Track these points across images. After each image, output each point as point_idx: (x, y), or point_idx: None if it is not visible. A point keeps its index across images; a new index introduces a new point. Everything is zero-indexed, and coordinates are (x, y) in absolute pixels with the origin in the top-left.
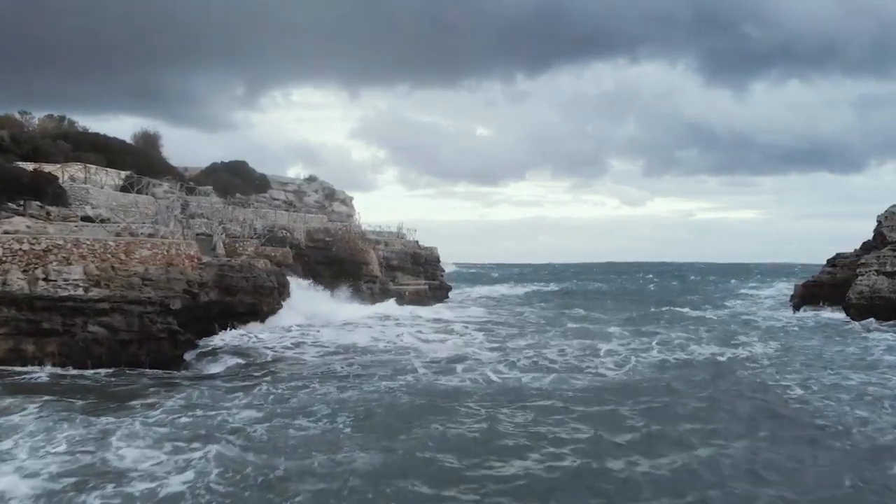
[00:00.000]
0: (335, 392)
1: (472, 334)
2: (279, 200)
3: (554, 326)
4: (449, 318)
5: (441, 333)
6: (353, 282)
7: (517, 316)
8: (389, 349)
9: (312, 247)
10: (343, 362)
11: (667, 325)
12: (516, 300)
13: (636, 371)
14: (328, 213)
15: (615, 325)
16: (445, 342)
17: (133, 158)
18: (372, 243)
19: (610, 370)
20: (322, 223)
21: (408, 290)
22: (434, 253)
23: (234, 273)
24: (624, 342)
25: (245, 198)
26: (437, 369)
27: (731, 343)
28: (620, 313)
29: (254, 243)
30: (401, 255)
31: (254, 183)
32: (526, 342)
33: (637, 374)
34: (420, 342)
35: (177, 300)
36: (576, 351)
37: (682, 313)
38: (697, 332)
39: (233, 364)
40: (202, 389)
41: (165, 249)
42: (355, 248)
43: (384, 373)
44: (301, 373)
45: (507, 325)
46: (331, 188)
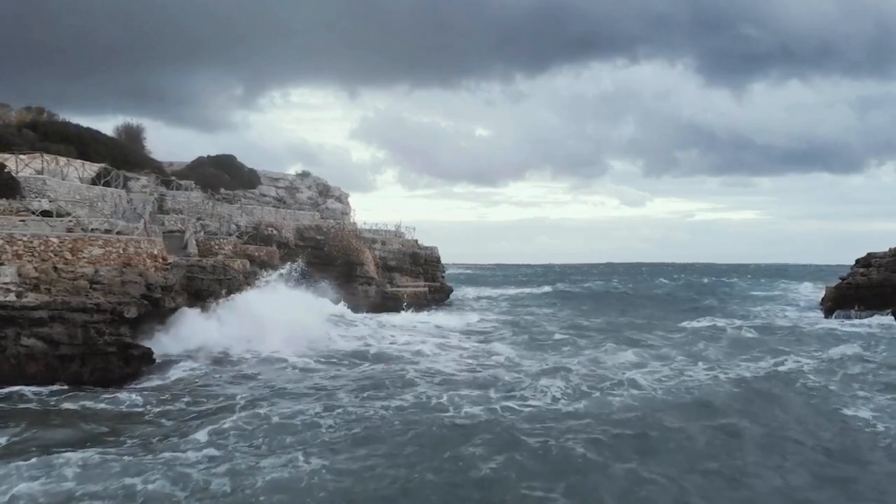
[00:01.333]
0: (315, 420)
1: (479, 345)
2: (269, 197)
3: (575, 338)
4: (452, 326)
5: (444, 347)
6: (347, 283)
7: (532, 325)
8: (383, 358)
9: (303, 246)
10: (326, 376)
11: (698, 334)
12: (525, 304)
13: (683, 392)
14: (321, 211)
15: (639, 332)
16: (448, 354)
17: (108, 150)
18: (368, 242)
19: (652, 391)
20: (314, 220)
21: (406, 292)
22: (434, 253)
23: (205, 275)
24: (654, 353)
25: (232, 193)
26: (443, 389)
27: (779, 357)
28: (642, 320)
29: (232, 241)
30: (399, 254)
31: (243, 178)
32: (546, 357)
33: (685, 396)
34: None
35: (132, 307)
36: (607, 367)
37: (713, 321)
38: (738, 343)
39: (194, 376)
40: (149, 416)
41: (122, 247)
42: (349, 247)
43: (378, 393)
44: (276, 389)
45: (520, 334)
46: (325, 184)
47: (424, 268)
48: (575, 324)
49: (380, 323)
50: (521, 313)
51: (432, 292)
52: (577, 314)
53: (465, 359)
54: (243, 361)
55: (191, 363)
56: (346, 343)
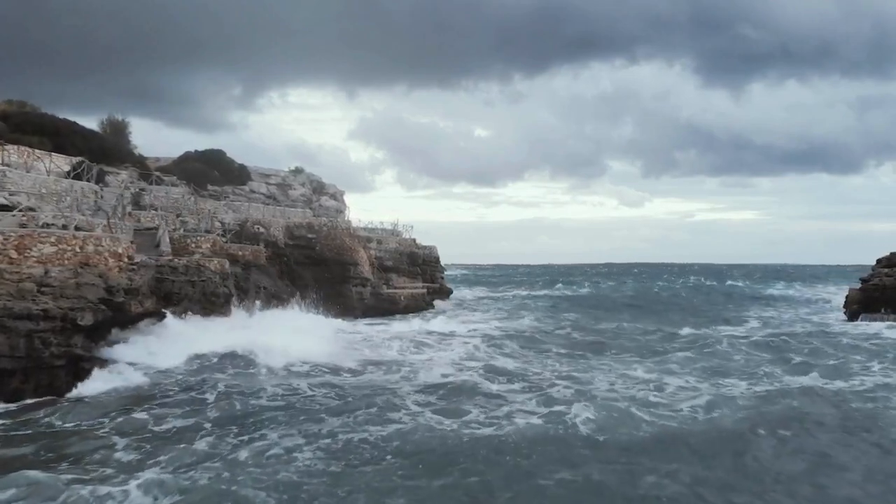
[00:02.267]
0: (291, 448)
1: (481, 355)
2: (259, 194)
3: (589, 346)
4: (450, 330)
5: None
6: (340, 285)
7: (540, 332)
8: (372, 367)
9: (292, 245)
10: (304, 394)
11: (723, 342)
12: (530, 308)
13: (719, 411)
14: (314, 209)
15: (659, 340)
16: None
17: (86, 143)
18: (363, 241)
19: (688, 410)
20: (305, 218)
21: (403, 294)
22: (433, 252)
23: (176, 276)
24: (677, 365)
25: (220, 190)
26: (439, 407)
27: (824, 368)
28: (661, 326)
29: (211, 239)
30: (395, 254)
31: (232, 174)
32: (559, 369)
33: (726, 416)
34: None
35: (87, 313)
36: (631, 384)
37: (734, 328)
38: (771, 352)
39: (149, 388)
40: (86, 439)
41: (79, 245)
42: (342, 247)
43: (365, 413)
44: (247, 409)
45: (526, 344)
46: (319, 181)
47: (423, 268)
48: (586, 329)
49: (366, 337)
50: (525, 318)
51: (431, 294)
52: (586, 319)
53: (463, 372)
54: (206, 383)
55: (148, 376)
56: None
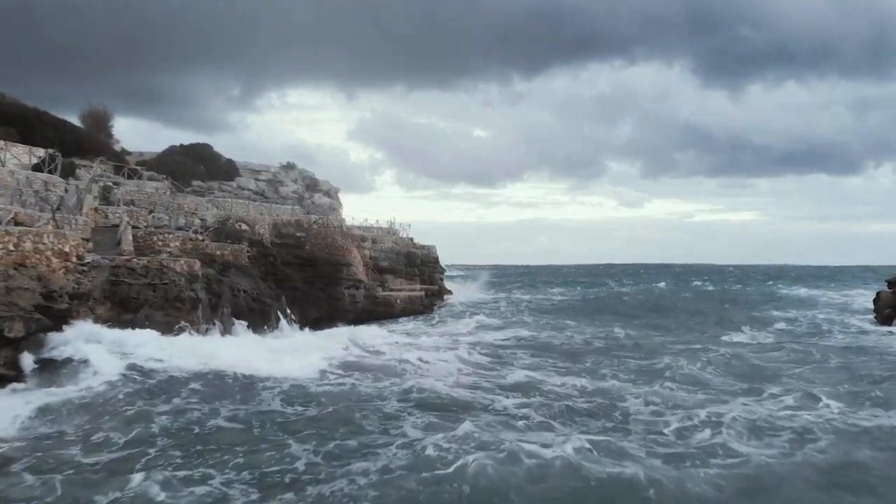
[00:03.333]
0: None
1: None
2: (248, 190)
3: (615, 361)
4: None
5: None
6: (331, 287)
7: (554, 340)
8: (356, 377)
9: (280, 244)
10: (271, 410)
11: (755, 352)
12: (536, 312)
13: (804, 448)
14: (306, 206)
15: (691, 351)
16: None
17: (58, 134)
18: (356, 240)
19: (762, 449)
20: (293, 215)
21: (399, 296)
22: (432, 252)
23: (135, 278)
24: (730, 388)
25: (206, 185)
26: (434, 432)
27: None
28: (678, 337)
29: (181, 236)
30: (392, 254)
31: (219, 169)
32: (586, 386)
33: (815, 455)
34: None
35: (16, 323)
36: (680, 415)
37: (756, 334)
38: (824, 367)
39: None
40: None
41: (12, 243)
42: (334, 246)
43: (340, 444)
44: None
45: (541, 355)
46: (313, 178)
47: (421, 269)
48: (605, 337)
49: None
50: (533, 323)
51: (429, 296)
52: (603, 325)
53: (461, 387)
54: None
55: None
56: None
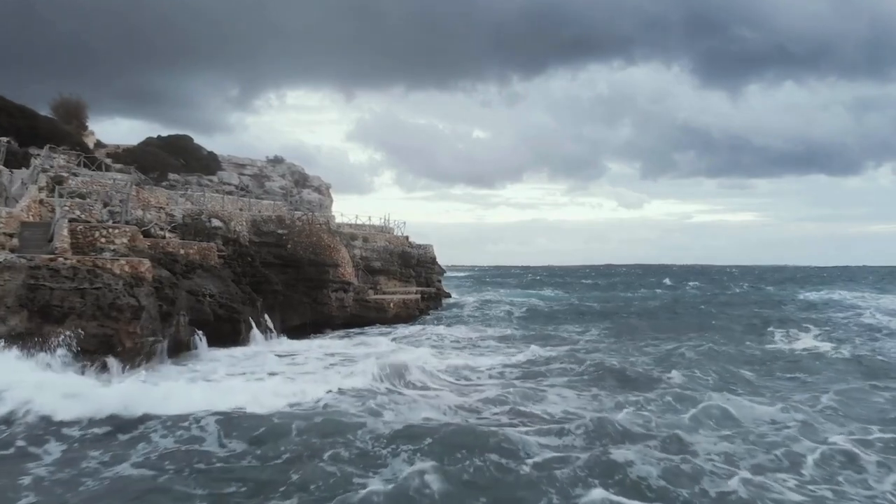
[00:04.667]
0: None
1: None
2: (230, 185)
3: (653, 381)
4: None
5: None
6: (316, 290)
7: (571, 358)
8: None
9: (259, 242)
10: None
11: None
12: (543, 319)
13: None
14: (293, 201)
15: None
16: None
17: (12, 122)
18: (345, 238)
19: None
20: (275, 210)
21: (393, 300)
22: (429, 252)
23: (58, 282)
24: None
25: (184, 179)
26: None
27: None
28: (714, 343)
29: (129, 232)
30: (385, 254)
31: (200, 163)
32: (613, 418)
33: None
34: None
35: None
36: (758, 454)
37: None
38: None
39: None
40: None
41: None
42: (319, 245)
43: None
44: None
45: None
46: (301, 173)
47: (417, 270)
48: (623, 349)
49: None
50: (540, 334)
51: (426, 300)
52: (618, 336)
53: (463, 412)
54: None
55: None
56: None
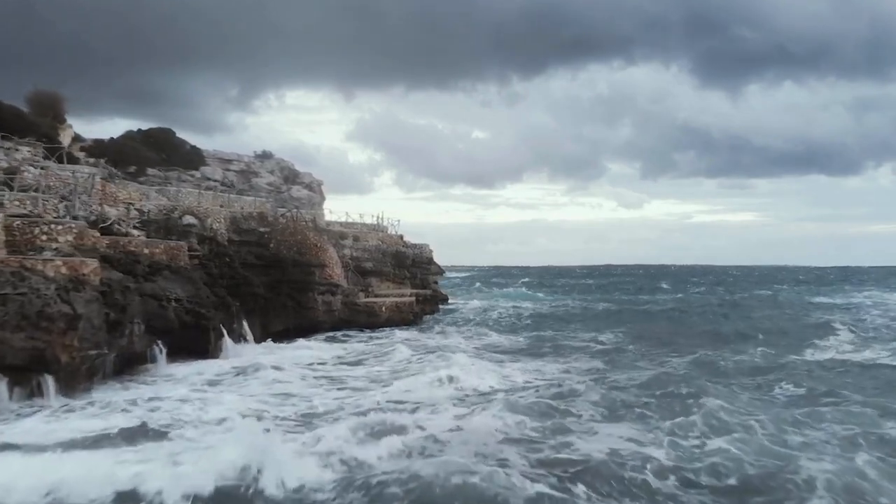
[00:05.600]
0: None
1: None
2: (214, 181)
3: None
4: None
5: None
6: (301, 293)
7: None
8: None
9: (239, 241)
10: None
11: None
12: (554, 326)
13: None
14: (282, 199)
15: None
16: None
17: None
18: (334, 237)
19: None
20: (256, 206)
21: (385, 303)
22: (424, 252)
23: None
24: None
25: (164, 175)
26: None
27: None
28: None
29: (75, 228)
30: (377, 253)
31: (182, 157)
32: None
33: None
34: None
35: None
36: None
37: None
38: None
39: None
40: None
41: None
42: (304, 244)
43: None
44: None
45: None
46: (292, 169)
47: (412, 271)
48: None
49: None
50: (552, 347)
51: (421, 302)
52: (649, 349)
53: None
54: None
55: None
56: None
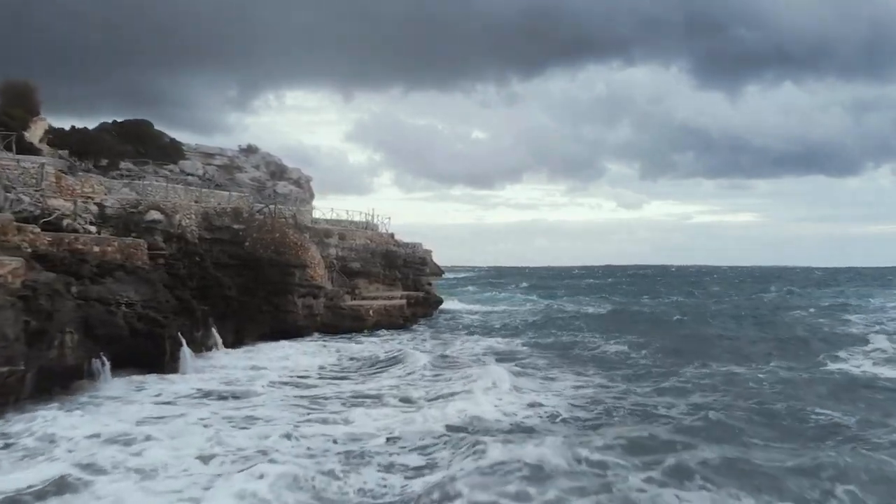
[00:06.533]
0: None
1: None
2: (194, 175)
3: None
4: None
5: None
6: (279, 296)
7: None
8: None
9: (211, 239)
10: None
11: None
12: (569, 333)
13: None
14: (264, 194)
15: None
16: None
17: None
18: (318, 235)
19: None
20: (231, 201)
21: (372, 307)
22: (417, 252)
23: None
24: None
25: (138, 168)
26: None
27: None
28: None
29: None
30: (365, 253)
31: (161, 150)
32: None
33: None
34: None
35: None
36: None
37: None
38: None
39: None
40: None
41: None
42: (283, 242)
43: None
44: None
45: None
46: (279, 164)
47: (404, 271)
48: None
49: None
50: (566, 355)
51: (413, 305)
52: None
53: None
54: None
55: None
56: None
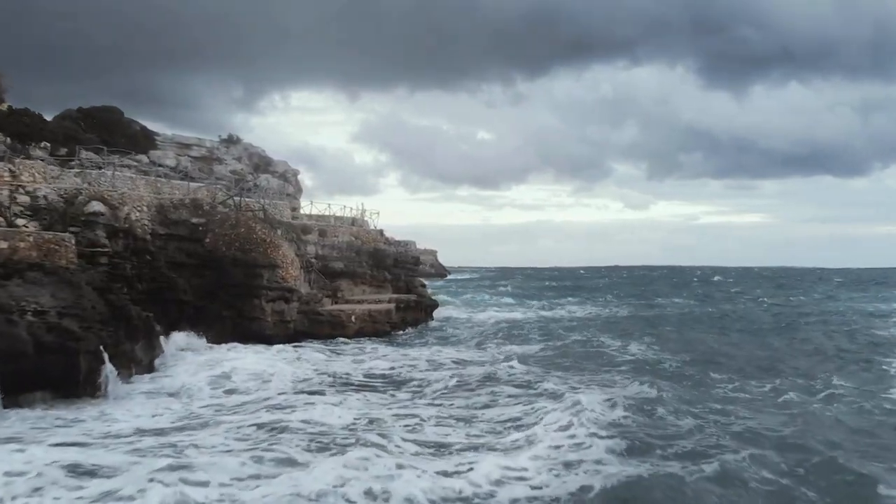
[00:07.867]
0: None
1: None
2: (165, 167)
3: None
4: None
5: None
6: (244, 300)
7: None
8: None
9: (166, 235)
10: None
11: None
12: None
13: None
14: (244, 187)
15: None
16: None
17: None
18: (294, 231)
19: None
20: (190, 192)
21: (355, 312)
22: (409, 251)
23: None
24: None
25: (101, 158)
26: None
27: None
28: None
29: None
30: (349, 251)
31: (130, 139)
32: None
33: None
34: None
35: None
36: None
37: None
38: None
39: None
40: None
41: None
42: (250, 239)
43: None
44: None
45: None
46: (263, 156)
47: (395, 272)
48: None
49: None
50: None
51: (403, 310)
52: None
53: None
54: None
55: None
56: None
